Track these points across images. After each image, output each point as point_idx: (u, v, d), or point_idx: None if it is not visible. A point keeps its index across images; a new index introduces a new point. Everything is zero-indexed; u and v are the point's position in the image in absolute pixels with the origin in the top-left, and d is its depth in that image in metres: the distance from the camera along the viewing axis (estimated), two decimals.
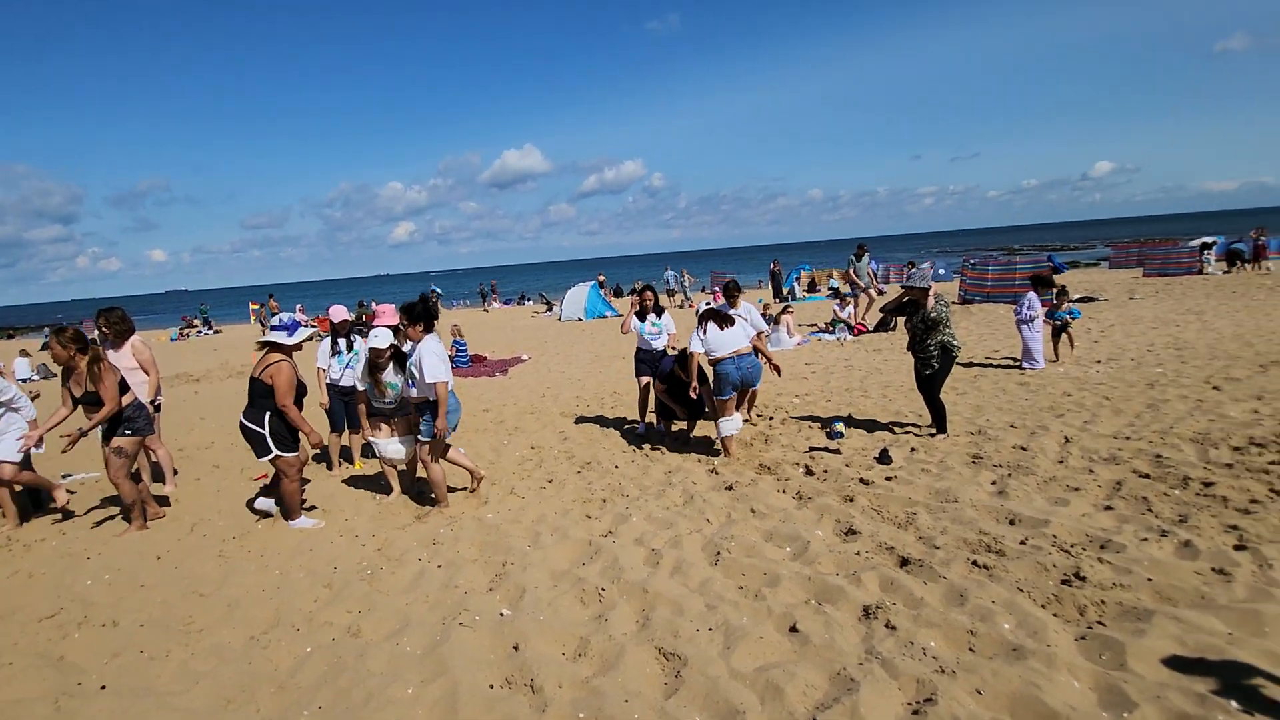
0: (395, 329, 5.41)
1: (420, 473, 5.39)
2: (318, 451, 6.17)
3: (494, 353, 14.94)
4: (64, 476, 6.45)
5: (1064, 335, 8.79)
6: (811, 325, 14.59)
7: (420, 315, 4.68)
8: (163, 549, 4.53)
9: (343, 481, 5.87)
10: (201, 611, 3.63)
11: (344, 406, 6.11)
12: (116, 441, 4.72)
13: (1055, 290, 9.05)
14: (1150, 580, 3.11)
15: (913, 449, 5.50)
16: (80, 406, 4.76)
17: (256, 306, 38.03)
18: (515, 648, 3.02)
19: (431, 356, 4.56)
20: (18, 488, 5.15)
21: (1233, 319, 10.99)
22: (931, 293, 5.74)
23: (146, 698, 2.86)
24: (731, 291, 6.81)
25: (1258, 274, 18.65)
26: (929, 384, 5.78)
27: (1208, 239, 21.26)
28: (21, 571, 4.30)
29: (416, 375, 4.64)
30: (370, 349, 5.05)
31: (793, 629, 2.96)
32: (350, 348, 6.13)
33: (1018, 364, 8.72)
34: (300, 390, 4.63)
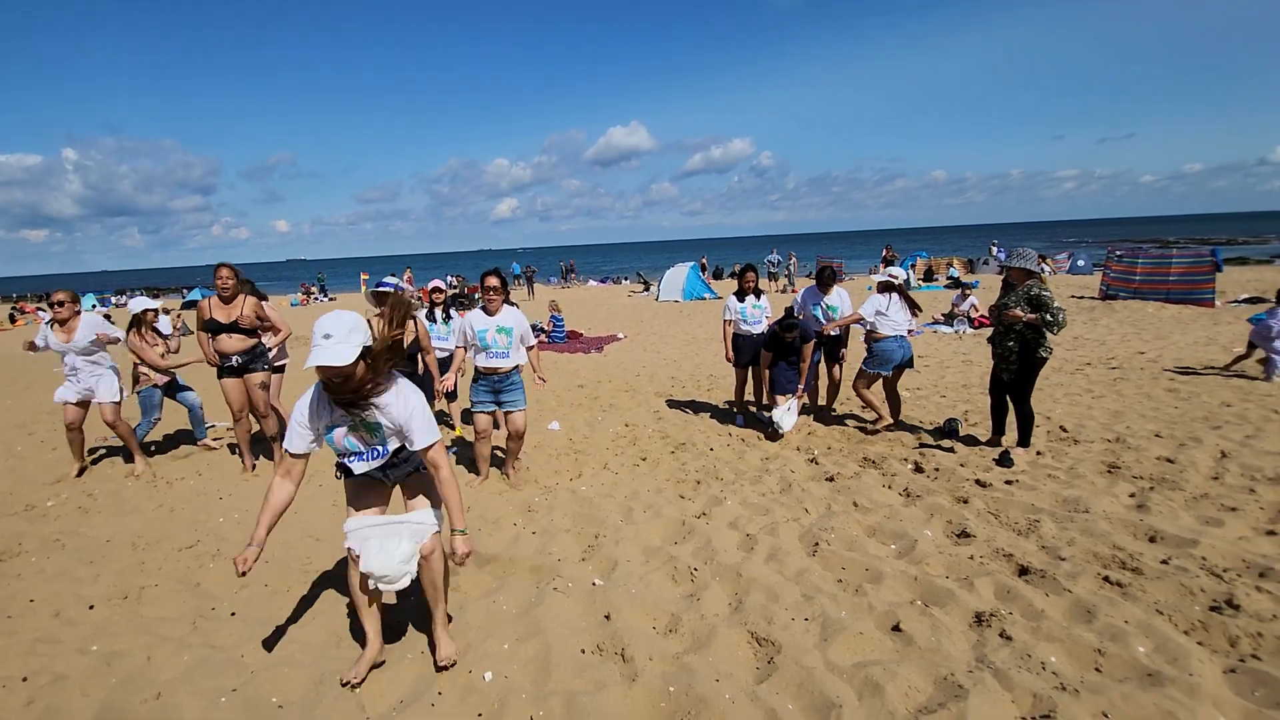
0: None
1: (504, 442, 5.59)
2: None
3: (590, 330, 15.26)
4: (208, 427, 7.22)
5: None
6: (927, 316, 13.92)
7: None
8: None
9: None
10: (317, 554, 3.99)
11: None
12: (257, 376, 5.39)
13: None
14: None
15: (1039, 452, 5.17)
16: (218, 335, 5.27)
17: (366, 276, 40.71)
18: (606, 617, 3.13)
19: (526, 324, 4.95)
20: (108, 436, 5.88)
21: None
22: (1028, 278, 5.08)
23: (269, 627, 3.19)
24: (826, 279, 6.59)
25: None
26: (1006, 388, 5.23)
27: None
28: (165, 506, 4.88)
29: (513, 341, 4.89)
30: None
31: (895, 628, 2.89)
32: (447, 319, 6.48)
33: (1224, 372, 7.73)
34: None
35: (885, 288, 5.94)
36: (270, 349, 5.64)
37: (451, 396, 6.46)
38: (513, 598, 3.36)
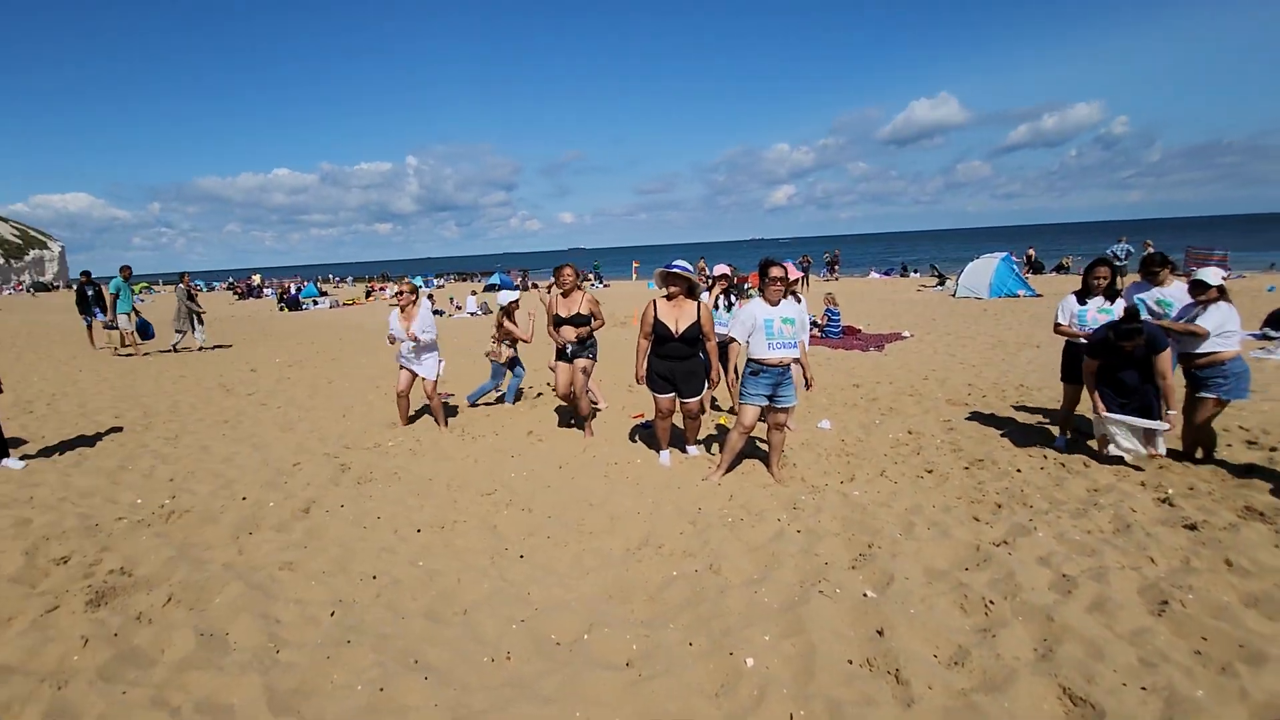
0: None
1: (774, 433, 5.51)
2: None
3: (869, 326, 14.54)
4: (448, 396, 8.49)
5: None
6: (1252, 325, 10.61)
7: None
8: (564, 460, 5.64)
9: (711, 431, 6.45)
10: (591, 518, 4.41)
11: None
12: (581, 362, 6.23)
13: None
14: None
15: None
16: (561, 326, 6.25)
17: (638, 265, 43.89)
18: (879, 633, 2.96)
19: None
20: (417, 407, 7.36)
21: None
22: None
23: (551, 574, 3.62)
24: (1155, 265, 5.39)
25: None
26: None
27: None
28: (470, 457, 5.82)
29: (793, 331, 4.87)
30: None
31: None
32: (730, 307, 6.67)
33: None
34: (653, 331, 5.25)
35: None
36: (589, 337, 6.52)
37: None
38: (774, 592, 3.35)
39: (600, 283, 36.60)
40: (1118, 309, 5.23)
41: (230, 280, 54.27)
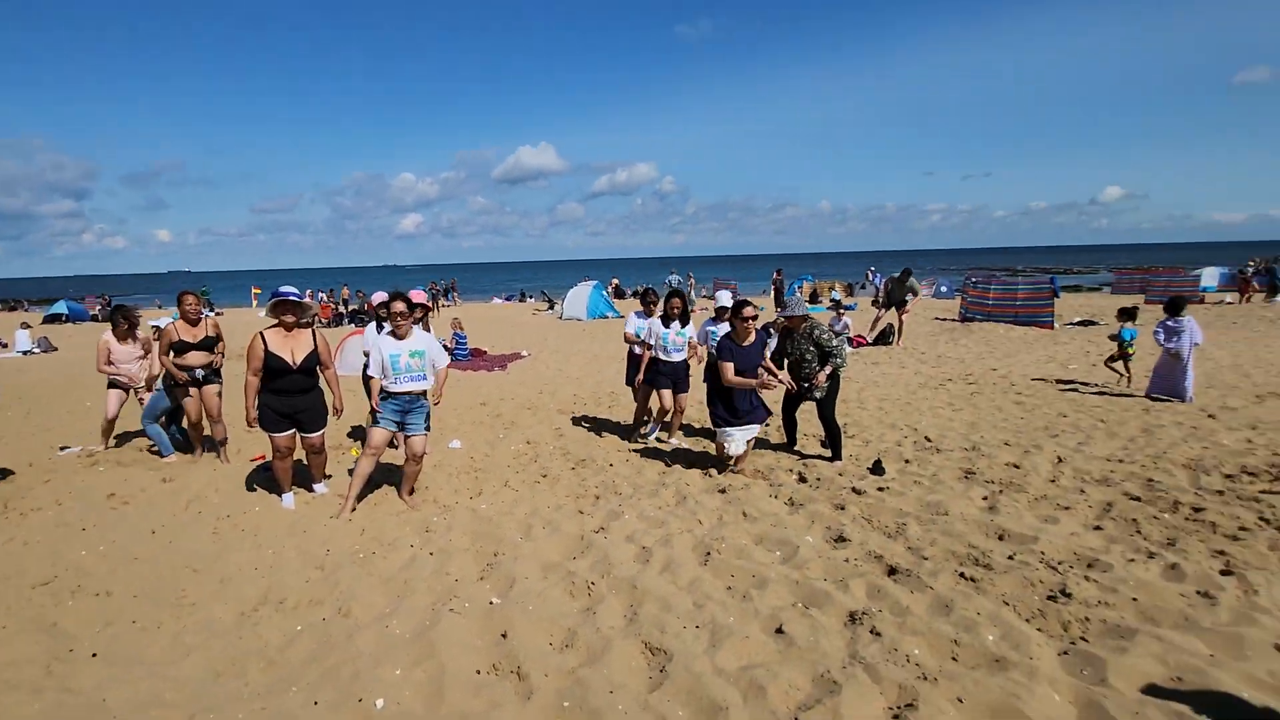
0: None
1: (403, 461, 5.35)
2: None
3: (494, 348, 14.97)
4: (61, 450, 6.48)
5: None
6: None
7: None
8: (158, 523, 4.56)
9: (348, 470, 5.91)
10: (194, 586, 3.66)
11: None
12: (214, 388, 5.90)
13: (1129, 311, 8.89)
14: (1135, 600, 3.15)
15: (906, 460, 5.54)
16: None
17: (258, 291, 38.12)
18: (503, 635, 3.05)
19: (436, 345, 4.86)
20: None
21: (1231, 349, 11.04)
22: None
23: (137, 666, 2.89)
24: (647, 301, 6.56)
25: (1262, 305, 18.73)
26: (799, 405, 5.97)
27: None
28: (16, 539, 4.32)
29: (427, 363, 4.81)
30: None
31: (778, 630, 2.99)
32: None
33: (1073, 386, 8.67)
34: (265, 365, 4.66)
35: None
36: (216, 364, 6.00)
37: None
38: (406, 622, 3.22)
39: (211, 310, 30.65)
40: (689, 331, 6.31)
41: None
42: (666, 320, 6.28)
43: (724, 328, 6.66)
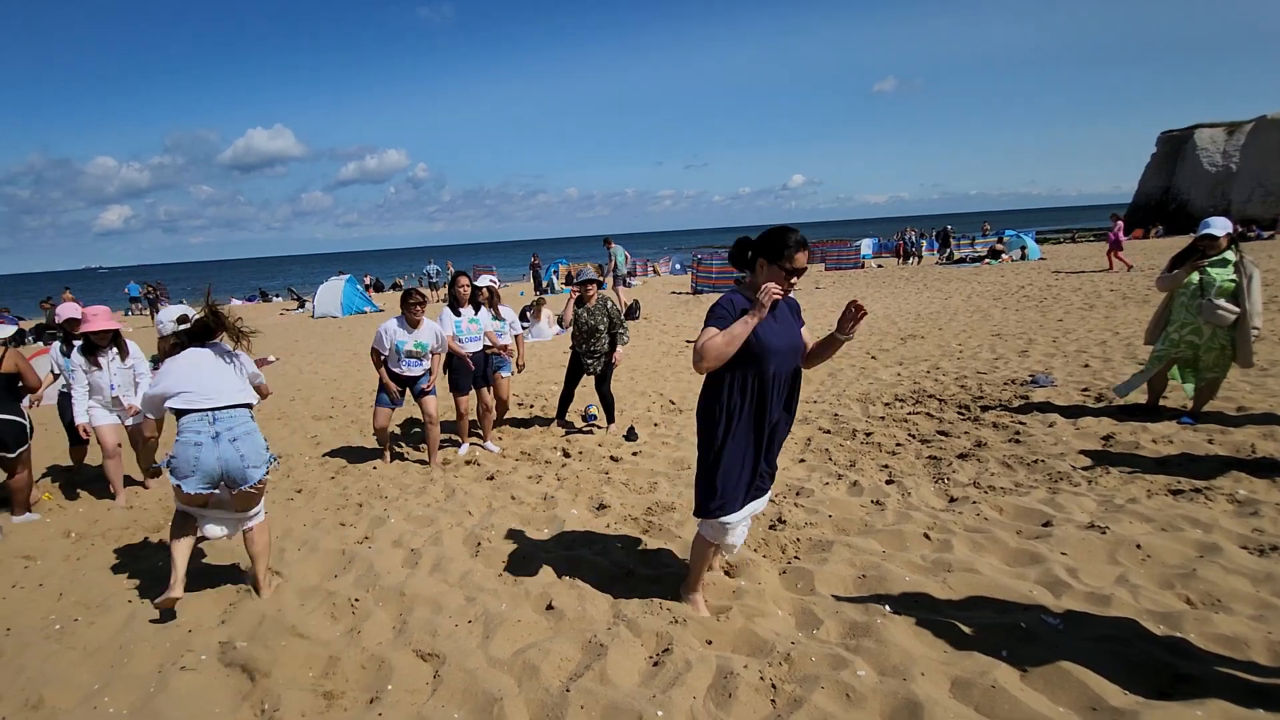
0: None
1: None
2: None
3: None
4: None
5: None
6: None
7: None
8: None
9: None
10: None
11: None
12: None
13: None
14: (831, 516, 3.72)
15: (655, 424, 5.91)
16: None
17: None
18: (251, 680, 2.61)
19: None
20: None
21: (883, 303, 13.65)
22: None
23: None
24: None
25: (905, 267, 23.51)
26: (580, 378, 5.87)
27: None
28: None
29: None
30: None
31: (549, 607, 2.98)
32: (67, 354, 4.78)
33: None
34: None
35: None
36: None
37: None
38: (122, 696, 2.59)
39: None
40: (484, 317, 5.47)
41: None
42: (455, 307, 5.33)
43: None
